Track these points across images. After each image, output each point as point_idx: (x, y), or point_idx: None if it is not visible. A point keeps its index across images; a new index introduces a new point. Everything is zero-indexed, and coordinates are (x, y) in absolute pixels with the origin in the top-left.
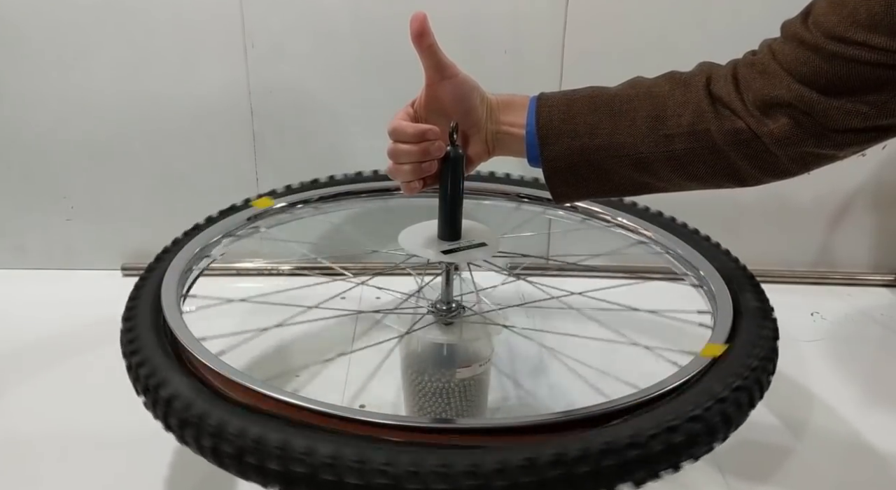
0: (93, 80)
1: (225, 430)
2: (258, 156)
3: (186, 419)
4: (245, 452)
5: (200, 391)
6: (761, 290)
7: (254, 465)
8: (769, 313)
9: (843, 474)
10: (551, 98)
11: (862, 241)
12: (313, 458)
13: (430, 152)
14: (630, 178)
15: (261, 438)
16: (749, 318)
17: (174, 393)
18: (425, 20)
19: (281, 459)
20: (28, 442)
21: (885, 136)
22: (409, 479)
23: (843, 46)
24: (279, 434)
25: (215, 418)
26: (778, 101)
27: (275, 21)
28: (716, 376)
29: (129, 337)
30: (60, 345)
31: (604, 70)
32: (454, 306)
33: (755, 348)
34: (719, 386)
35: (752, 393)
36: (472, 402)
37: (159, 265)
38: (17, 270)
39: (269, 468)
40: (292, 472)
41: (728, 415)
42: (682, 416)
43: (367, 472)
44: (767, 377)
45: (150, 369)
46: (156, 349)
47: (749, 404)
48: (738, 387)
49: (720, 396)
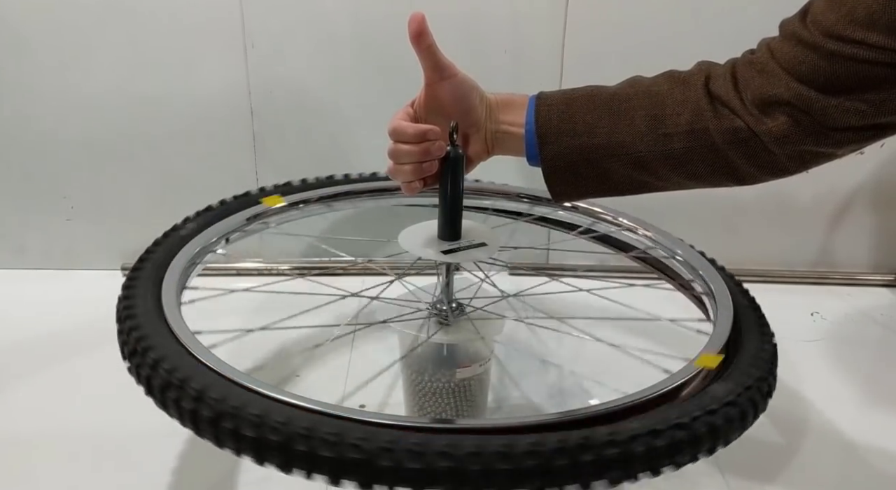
0: (93, 80)
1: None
2: (258, 156)
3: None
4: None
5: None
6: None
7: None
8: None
9: (842, 474)
10: (550, 97)
11: (862, 241)
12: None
13: (431, 152)
14: (629, 176)
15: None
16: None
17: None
18: (423, 21)
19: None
20: (28, 442)
21: (883, 133)
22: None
23: (842, 45)
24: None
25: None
26: (776, 100)
27: (275, 21)
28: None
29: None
30: (60, 345)
31: (604, 70)
32: (454, 306)
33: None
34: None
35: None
36: (472, 402)
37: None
38: (17, 270)
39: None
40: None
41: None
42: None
43: (342, 445)
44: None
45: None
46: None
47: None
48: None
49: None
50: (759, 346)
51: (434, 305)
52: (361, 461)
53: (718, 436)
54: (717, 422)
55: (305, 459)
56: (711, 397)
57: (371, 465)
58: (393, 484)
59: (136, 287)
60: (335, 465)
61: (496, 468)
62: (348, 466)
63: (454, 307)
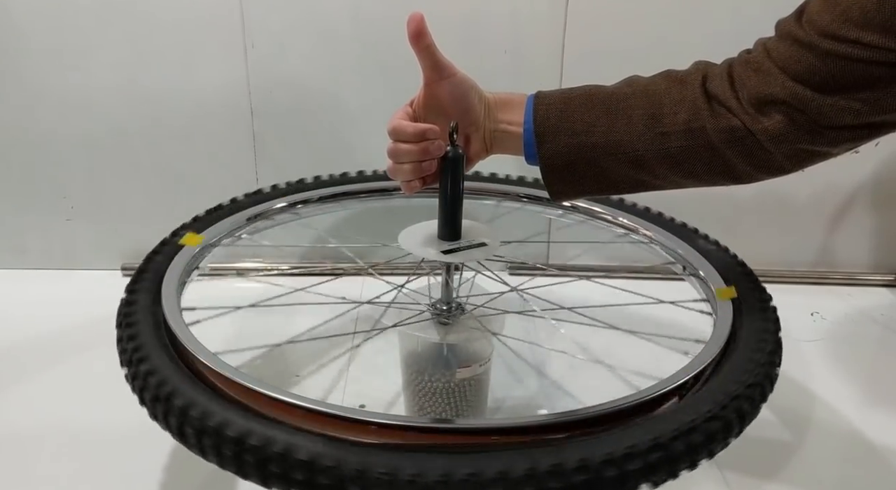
0: (93, 80)
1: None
2: (258, 155)
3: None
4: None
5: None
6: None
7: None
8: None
9: (843, 474)
10: (548, 96)
11: (862, 241)
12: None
13: (430, 151)
14: (626, 175)
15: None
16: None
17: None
18: (422, 20)
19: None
20: (28, 441)
21: (878, 132)
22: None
23: (837, 44)
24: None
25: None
26: (772, 99)
27: (275, 21)
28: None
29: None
30: (60, 344)
31: (604, 70)
32: (454, 306)
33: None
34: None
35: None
36: (472, 402)
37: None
38: (17, 270)
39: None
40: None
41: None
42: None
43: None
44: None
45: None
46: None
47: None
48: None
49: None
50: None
51: (434, 305)
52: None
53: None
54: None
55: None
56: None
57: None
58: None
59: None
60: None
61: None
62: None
63: (455, 307)
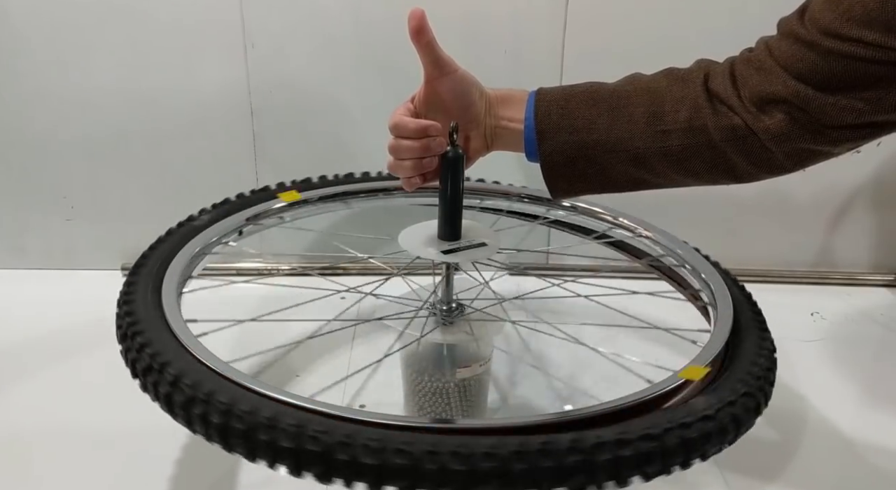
0: (93, 80)
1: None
2: (258, 156)
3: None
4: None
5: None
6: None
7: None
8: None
9: (842, 474)
10: (550, 93)
11: (862, 241)
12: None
13: (432, 148)
14: (627, 173)
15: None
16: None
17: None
18: (423, 17)
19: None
20: (28, 441)
21: (879, 132)
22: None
23: (839, 43)
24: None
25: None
26: (774, 98)
27: (275, 21)
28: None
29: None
30: (60, 344)
31: (604, 70)
32: (454, 306)
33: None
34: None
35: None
36: (472, 402)
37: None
38: (17, 270)
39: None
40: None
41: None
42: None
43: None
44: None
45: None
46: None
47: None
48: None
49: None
50: (755, 360)
51: (434, 305)
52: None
53: (692, 449)
54: (691, 435)
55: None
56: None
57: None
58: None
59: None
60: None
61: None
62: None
63: (454, 307)
